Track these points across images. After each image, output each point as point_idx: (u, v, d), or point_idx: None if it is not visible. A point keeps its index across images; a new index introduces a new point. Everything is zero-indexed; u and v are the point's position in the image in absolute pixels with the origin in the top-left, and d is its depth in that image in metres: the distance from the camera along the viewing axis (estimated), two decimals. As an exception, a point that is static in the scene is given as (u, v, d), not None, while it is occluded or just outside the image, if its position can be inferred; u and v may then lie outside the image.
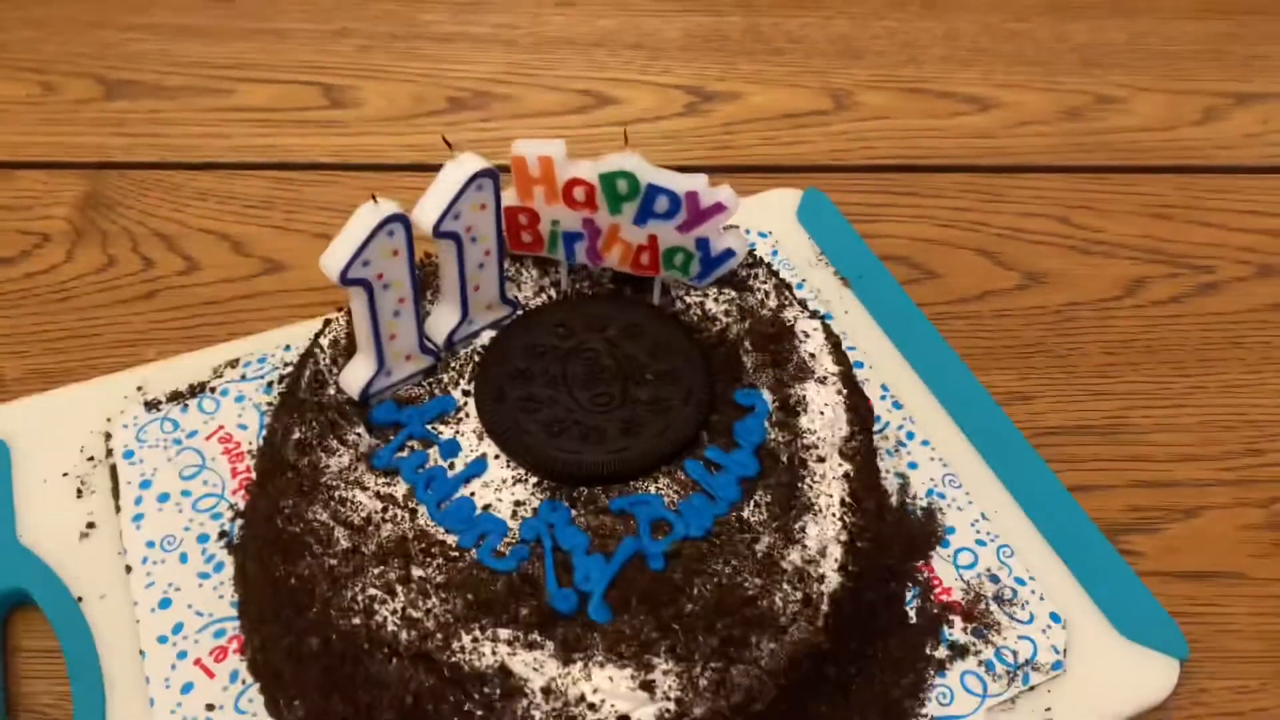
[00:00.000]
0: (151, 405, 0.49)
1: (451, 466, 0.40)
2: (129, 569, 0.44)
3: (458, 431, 0.41)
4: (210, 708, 0.40)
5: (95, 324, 0.55)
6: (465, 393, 0.42)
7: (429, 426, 0.41)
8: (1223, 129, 0.68)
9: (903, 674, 0.40)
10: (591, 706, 0.34)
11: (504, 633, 0.35)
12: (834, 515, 0.38)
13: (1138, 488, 0.50)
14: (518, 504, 0.39)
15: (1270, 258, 0.60)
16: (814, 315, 0.45)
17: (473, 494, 0.39)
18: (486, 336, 0.44)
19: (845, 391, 0.42)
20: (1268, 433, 0.52)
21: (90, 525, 0.45)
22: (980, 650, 0.42)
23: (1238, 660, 0.44)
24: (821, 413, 0.41)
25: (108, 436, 0.48)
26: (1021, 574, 0.44)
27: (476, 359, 0.43)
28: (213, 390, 0.49)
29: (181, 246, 0.59)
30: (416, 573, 0.36)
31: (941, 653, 0.41)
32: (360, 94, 0.68)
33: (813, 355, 0.43)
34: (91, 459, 0.47)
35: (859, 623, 0.39)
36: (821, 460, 0.40)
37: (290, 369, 0.49)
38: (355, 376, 0.41)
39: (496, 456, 0.40)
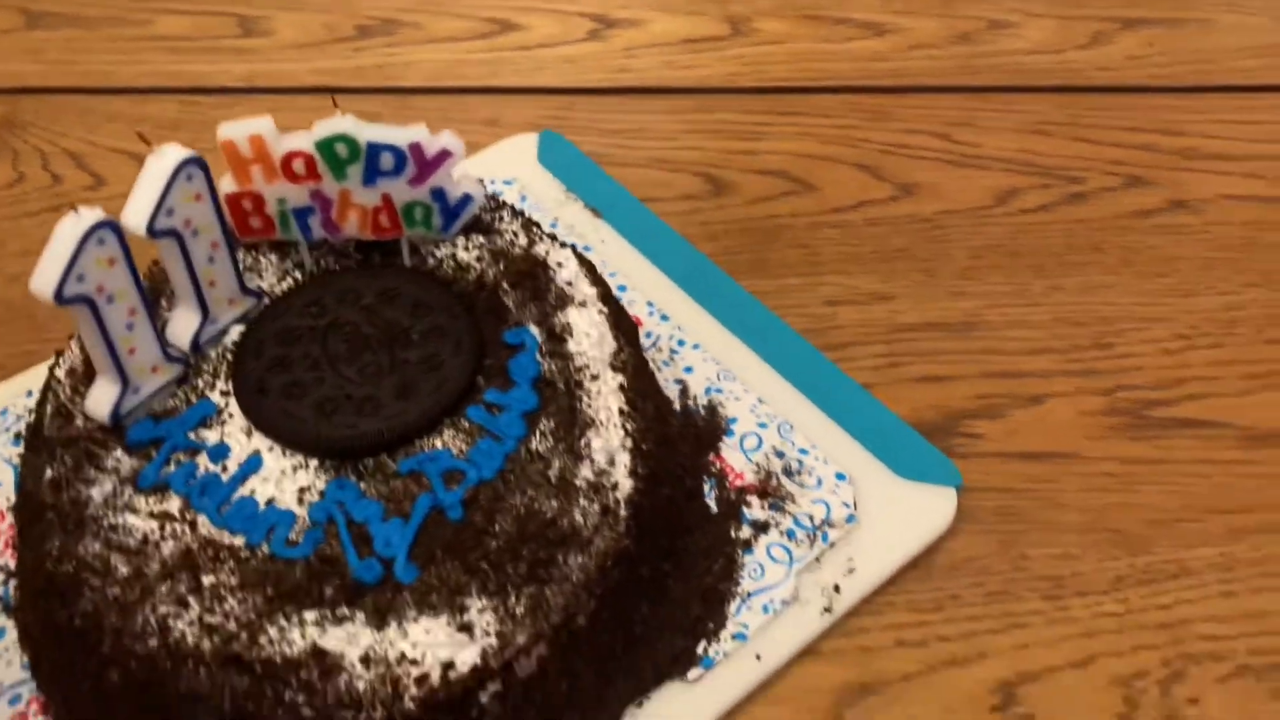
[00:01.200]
0: (-117, 486, 0.45)
1: (225, 469, 0.39)
2: (-105, 662, 0.40)
3: (224, 434, 0.40)
4: (21, 778, 0.38)
5: (1, 235, 0.57)
6: (224, 393, 0.41)
7: (192, 435, 0.39)
8: (1109, 52, 0.69)
9: (713, 560, 0.42)
10: (414, 662, 0.34)
11: (310, 615, 0.34)
12: (615, 425, 0.40)
13: (986, 378, 0.51)
14: (303, 490, 0.38)
15: (1139, 170, 0.61)
16: (564, 246, 0.46)
17: (253, 491, 0.38)
18: (236, 332, 0.42)
19: (606, 310, 0.43)
20: (1117, 327, 0.53)
21: None
22: (780, 522, 0.44)
23: (1061, 530, 0.46)
24: (588, 334, 0.42)
25: None
26: (804, 444, 0.47)
27: (230, 357, 0.41)
28: (-48, 455, 0.46)
29: (90, 165, 0.61)
30: (208, 580, 0.35)
31: (746, 533, 0.44)
32: (272, 23, 0.71)
33: (570, 283, 0.44)
34: None
35: (662, 522, 0.41)
36: (595, 378, 0.41)
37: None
38: (101, 400, 0.39)
39: (271, 449, 0.39)
